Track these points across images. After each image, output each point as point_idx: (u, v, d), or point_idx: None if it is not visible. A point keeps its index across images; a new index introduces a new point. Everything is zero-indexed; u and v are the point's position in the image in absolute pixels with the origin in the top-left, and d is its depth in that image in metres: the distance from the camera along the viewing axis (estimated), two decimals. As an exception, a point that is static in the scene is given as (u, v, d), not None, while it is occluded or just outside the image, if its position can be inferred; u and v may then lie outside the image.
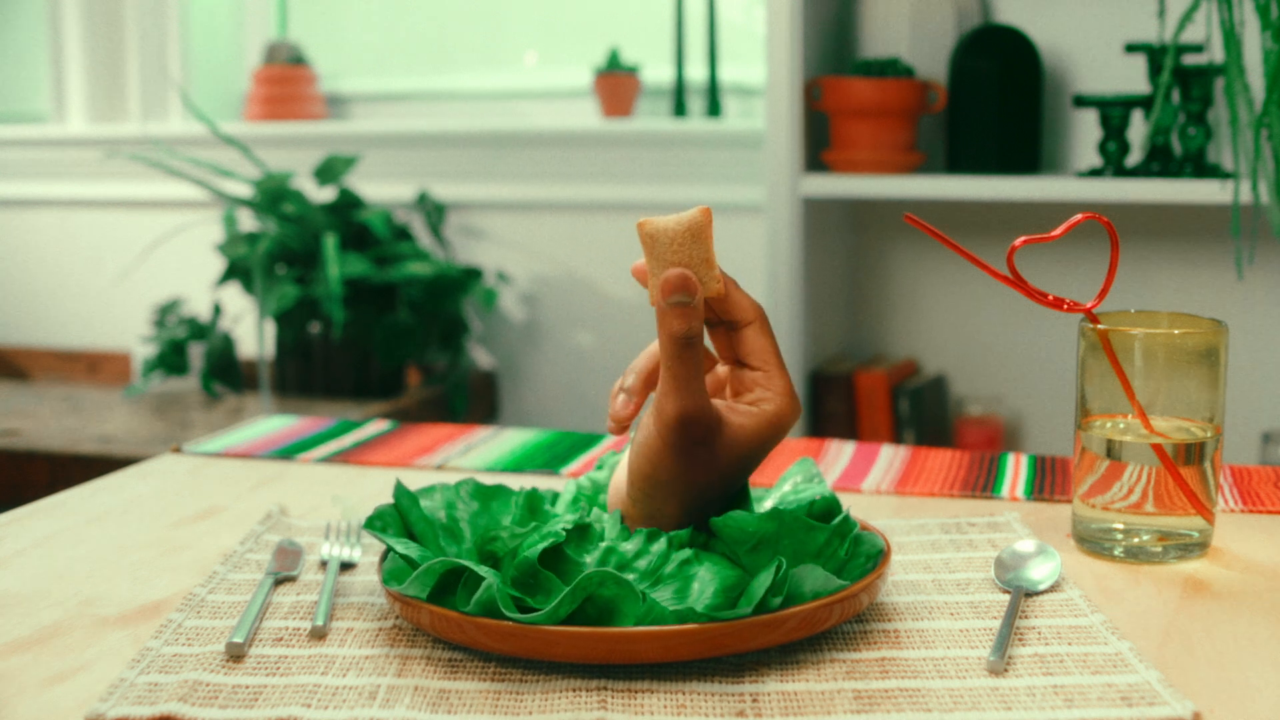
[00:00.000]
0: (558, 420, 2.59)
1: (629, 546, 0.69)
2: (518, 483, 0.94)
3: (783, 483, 0.80)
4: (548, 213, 2.61)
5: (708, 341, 0.74)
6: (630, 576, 0.68)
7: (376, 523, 0.73)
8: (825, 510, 0.72)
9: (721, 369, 0.74)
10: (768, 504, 0.78)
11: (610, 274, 2.57)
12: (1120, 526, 0.80)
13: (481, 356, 2.66)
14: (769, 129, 2.00)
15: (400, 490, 0.74)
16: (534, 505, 0.76)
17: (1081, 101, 1.97)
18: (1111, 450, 0.80)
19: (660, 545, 0.69)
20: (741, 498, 0.73)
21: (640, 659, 0.62)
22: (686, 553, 0.68)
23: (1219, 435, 0.80)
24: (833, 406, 2.11)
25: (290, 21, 3.00)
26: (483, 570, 0.65)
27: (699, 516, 0.70)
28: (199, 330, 2.53)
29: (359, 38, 2.97)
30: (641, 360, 0.73)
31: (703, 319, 0.68)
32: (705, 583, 0.66)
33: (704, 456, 0.69)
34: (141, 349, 2.75)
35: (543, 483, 0.98)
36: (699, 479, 0.69)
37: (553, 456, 1.06)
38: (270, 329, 2.56)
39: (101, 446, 2.19)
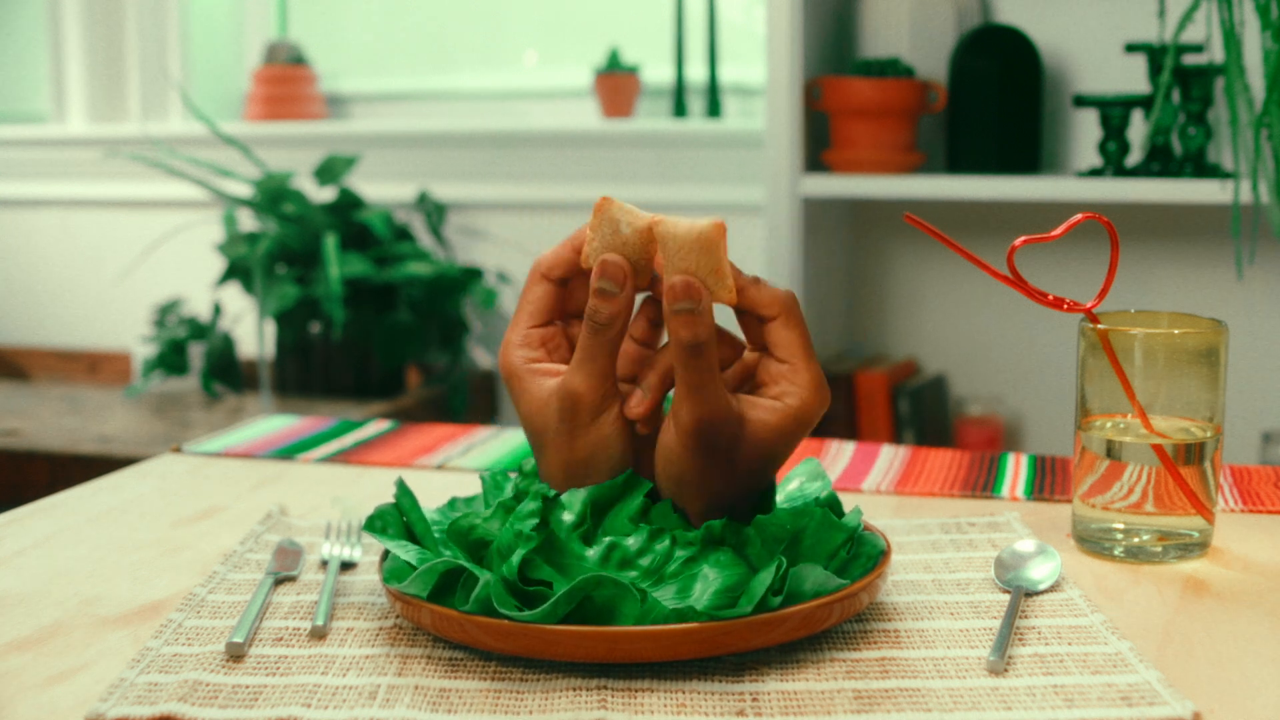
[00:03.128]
0: (558, 420, 2.58)
1: (633, 543, 0.69)
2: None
3: (788, 481, 0.80)
4: (548, 213, 2.61)
5: (736, 332, 0.73)
6: (633, 574, 0.68)
7: (376, 523, 0.72)
8: (830, 507, 0.72)
9: (750, 355, 0.73)
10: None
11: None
12: (1120, 526, 0.80)
13: (481, 356, 2.66)
14: (769, 129, 2.00)
15: (402, 489, 0.73)
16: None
17: (1081, 101, 1.97)
18: (1111, 450, 0.80)
19: (664, 544, 0.69)
20: (769, 494, 0.72)
21: (640, 658, 0.62)
22: (690, 550, 0.68)
23: (1219, 435, 0.80)
24: (833, 407, 2.10)
25: (290, 21, 3.00)
26: (480, 570, 0.65)
27: (728, 510, 0.70)
28: (199, 330, 2.53)
29: (359, 38, 2.97)
30: (658, 356, 0.73)
31: (711, 325, 0.68)
32: (708, 581, 0.66)
33: (725, 457, 0.68)
34: (141, 349, 2.75)
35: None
36: (721, 478, 0.69)
37: (553, 456, 1.06)
38: (270, 329, 2.56)
39: (101, 446, 2.19)
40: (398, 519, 0.73)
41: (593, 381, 0.69)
